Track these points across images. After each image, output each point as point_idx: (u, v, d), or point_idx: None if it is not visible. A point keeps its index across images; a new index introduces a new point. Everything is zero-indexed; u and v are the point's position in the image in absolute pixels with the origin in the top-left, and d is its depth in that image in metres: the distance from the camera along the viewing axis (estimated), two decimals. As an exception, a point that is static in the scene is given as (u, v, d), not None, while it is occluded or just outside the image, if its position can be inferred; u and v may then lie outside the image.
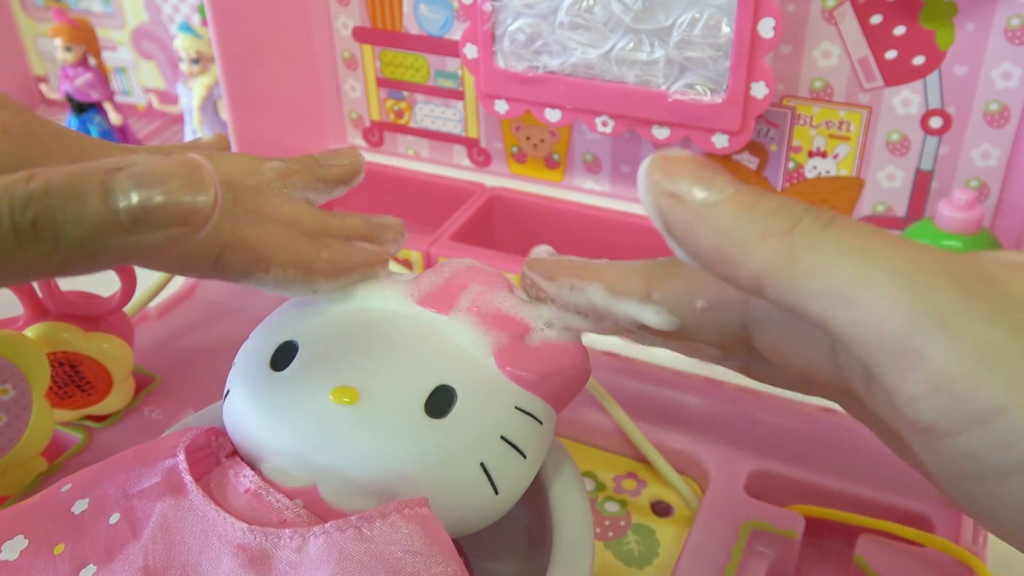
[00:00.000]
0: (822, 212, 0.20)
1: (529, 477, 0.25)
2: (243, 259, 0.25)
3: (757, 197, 0.20)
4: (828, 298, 0.19)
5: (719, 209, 0.20)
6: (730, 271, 0.20)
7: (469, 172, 0.62)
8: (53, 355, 0.39)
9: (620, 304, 0.25)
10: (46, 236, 0.19)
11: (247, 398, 0.25)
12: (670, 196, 0.21)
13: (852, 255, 0.19)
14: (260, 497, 0.24)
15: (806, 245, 0.19)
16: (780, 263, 0.19)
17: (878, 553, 0.34)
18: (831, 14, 0.48)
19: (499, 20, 0.52)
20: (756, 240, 0.20)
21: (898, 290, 0.18)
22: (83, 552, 0.23)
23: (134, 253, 0.20)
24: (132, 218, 0.19)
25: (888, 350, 0.18)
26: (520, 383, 0.25)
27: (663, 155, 0.21)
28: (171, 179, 0.19)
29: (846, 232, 0.19)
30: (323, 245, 0.27)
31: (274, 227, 0.26)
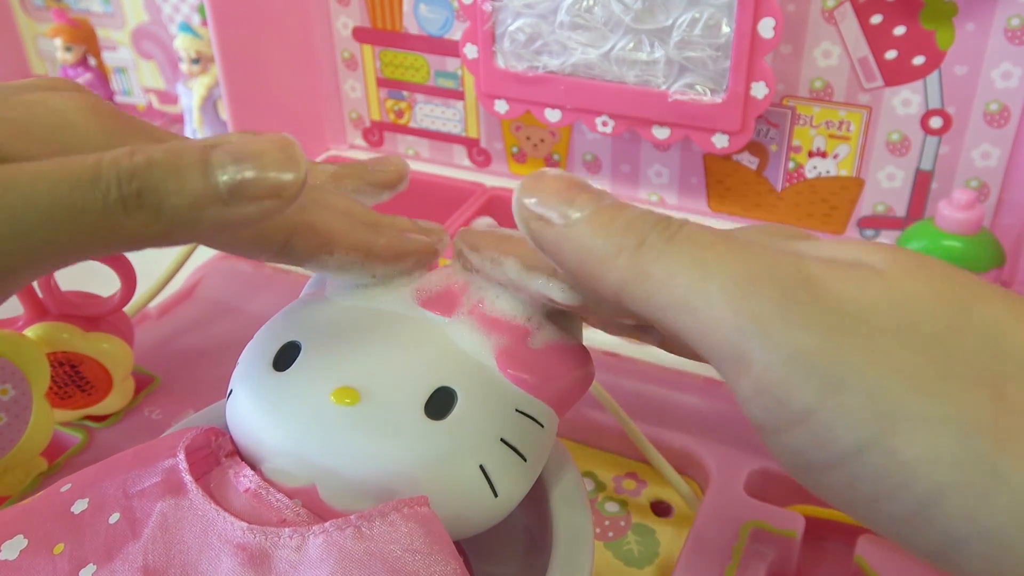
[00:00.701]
0: (669, 225, 0.21)
1: (530, 480, 0.25)
2: (310, 243, 0.26)
3: (613, 214, 0.22)
4: (672, 310, 0.20)
5: (578, 228, 0.22)
6: (594, 285, 0.22)
7: (469, 172, 0.62)
8: (53, 355, 0.39)
9: (530, 279, 0.26)
10: (149, 206, 0.20)
11: (249, 398, 0.25)
12: (537, 219, 0.22)
13: (690, 267, 0.20)
14: (260, 496, 0.24)
15: (651, 260, 0.21)
16: (631, 279, 0.21)
17: (878, 553, 0.34)
18: (831, 14, 0.48)
19: (499, 20, 0.52)
20: (610, 257, 0.21)
21: (726, 299, 0.19)
22: (83, 552, 0.23)
23: (229, 225, 0.21)
24: (230, 191, 0.20)
25: (724, 356, 0.19)
26: (521, 386, 0.25)
27: (533, 176, 0.23)
28: (265, 155, 0.21)
29: (687, 244, 0.20)
30: (380, 233, 0.28)
31: (336, 215, 0.27)
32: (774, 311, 0.19)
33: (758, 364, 0.19)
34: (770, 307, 0.19)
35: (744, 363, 0.19)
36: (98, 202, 0.20)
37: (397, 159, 0.32)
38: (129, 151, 0.20)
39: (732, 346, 0.19)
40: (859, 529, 0.35)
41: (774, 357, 0.19)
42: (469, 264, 0.28)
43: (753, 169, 0.55)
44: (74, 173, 0.20)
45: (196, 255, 0.50)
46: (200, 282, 0.52)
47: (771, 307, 0.19)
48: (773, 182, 0.54)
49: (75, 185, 0.20)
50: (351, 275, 0.27)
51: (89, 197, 0.20)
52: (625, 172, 0.58)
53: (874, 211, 0.53)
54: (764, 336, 0.19)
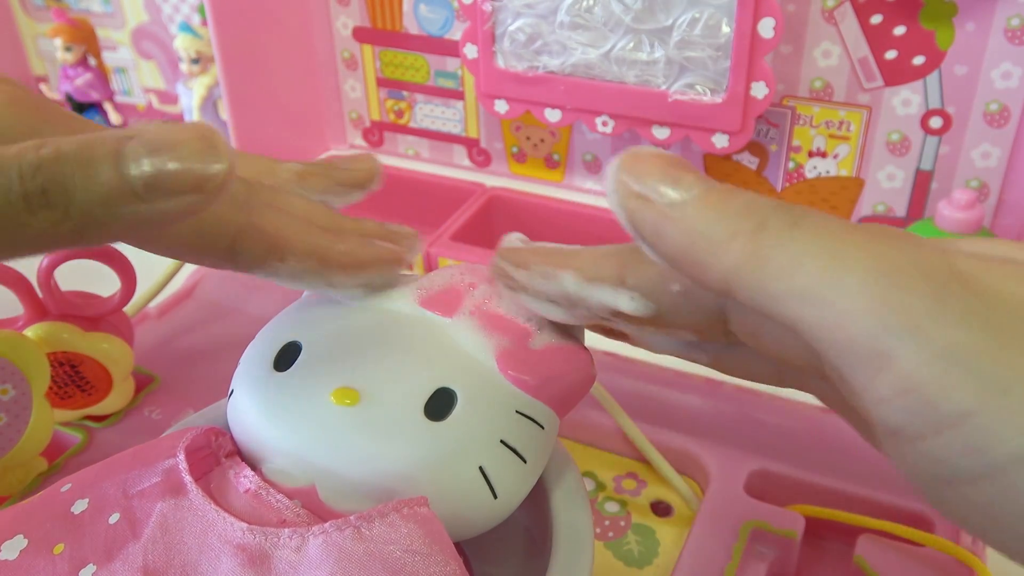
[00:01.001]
0: (791, 210, 0.19)
1: (530, 482, 0.25)
2: (258, 246, 0.24)
3: (725, 196, 0.20)
4: (796, 300, 0.18)
5: (686, 210, 0.20)
6: (698, 273, 0.20)
7: (469, 172, 0.62)
8: (53, 355, 0.39)
9: (594, 290, 0.24)
10: (56, 203, 0.18)
11: (250, 398, 0.25)
12: (637, 197, 0.20)
13: (820, 255, 0.18)
14: (260, 497, 0.24)
15: (773, 245, 0.19)
16: (747, 264, 0.19)
17: (878, 553, 0.34)
18: (831, 14, 0.48)
19: (499, 20, 0.52)
20: (723, 241, 0.19)
21: (867, 291, 0.17)
22: (83, 552, 0.23)
23: (147, 223, 0.19)
24: (145, 185, 0.19)
25: (857, 352, 0.18)
26: (522, 387, 0.25)
27: (631, 154, 0.21)
28: (183, 145, 0.19)
29: (815, 231, 0.19)
30: (339, 238, 0.26)
31: (290, 218, 0.25)
32: (925, 304, 0.17)
33: (905, 361, 0.17)
34: (920, 300, 0.17)
35: (885, 360, 0.17)
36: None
37: (368, 156, 0.30)
38: (36, 144, 0.19)
39: (871, 341, 0.17)
40: (859, 529, 0.35)
41: (926, 353, 0.17)
42: (514, 283, 0.26)
43: (753, 169, 0.55)
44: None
45: (196, 255, 0.50)
46: (200, 282, 0.52)
47: (921, 300, 0.17)
48: (773, 182, 0.54)
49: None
50: (306, 284, 0.26)
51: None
52: (625, 172, 0.58)
53: (874, 211, 0.53)
54: (914, 330, 0.17)
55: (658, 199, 0.20)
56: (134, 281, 0.40)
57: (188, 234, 0.23)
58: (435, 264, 0.51)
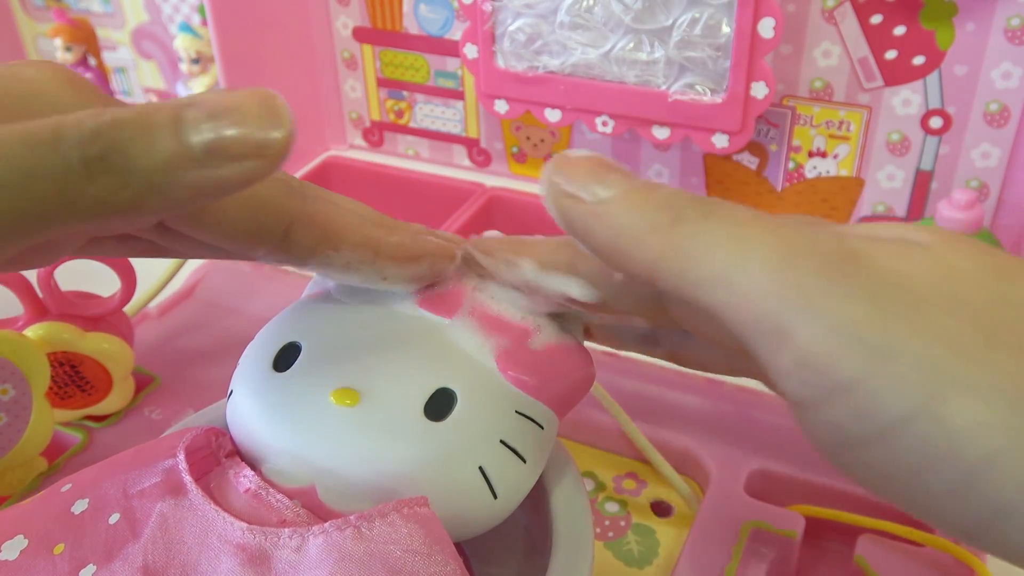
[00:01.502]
0: (704, 202, 0.21)
1: (530, 482, 0.25)
2: (311, 235, 0.24)
3: (647, 192, 0.21)
4: (710, 285, 0.20)
5: (611, 206, 0.21)
6: (625, 265, 0.21)
7: (469, 172, 0.62)
8: (53, 355, 0.39)
9: (548, 278, 0.25)
10: (116, 169, 0.18)
11: (249, 398, 0.25)
12: (567, 196, 0.22)
13: (728, 243, 0.20)
14: (260, 497, 0.24)
15: (688, 235, 0.20)
16: (666, 255, 0.20)
17: (878, 553, 0.34)
18: (831, 14, 0.48)
19: (499, 20, 0.52)
20: (644, 234, 0.21)
21: (768, 272, 0.19)
22: (83, 552, 0.23)
23: (207, 189, 0.19)
24: (205, 150, 0.18)
25: (761, 330, 0.19)
26: (522, 387, 0.25)
27: (562, 156, 0.22)
28: (244, 109, 0.19)
29: (724, 220, 0.20)
30: (392, 231, 0.26)
31: (343, 210, 0.25)
32: (818, 281, 0.19)
33: (800, 335, 0.18)
34: (813, 277, 0.19)
35: (785, 335, 0.19)
36: (57, 165, 0.18)
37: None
38: (96, 112, 0.19)
39: (772, 318, 0.19)
40: (859, 529, 0.35)
41: (818, 327, 0.18)
42: (481, 269, 0.27)
43: (753, 169, 0.55)
44: (33, 135, 0.18)
45: (196, 255, 0.50)
46: (200, 282, 0.52)
47: (814, 277, 0.19)
48: (773, 182, 0.54)
49: (33, 147, 0.18)
50: (359, 277, 0.26)
51: (48, 159, 0.18)
52: (625, 172, 0.58)
53: (874, 211, 0.53)
54: (808, 306, 0.18)
55: (586, 197, 0.22)
56: (134, 281, 0.40)
57: (243, 220, 0.23)
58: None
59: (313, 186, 0.26)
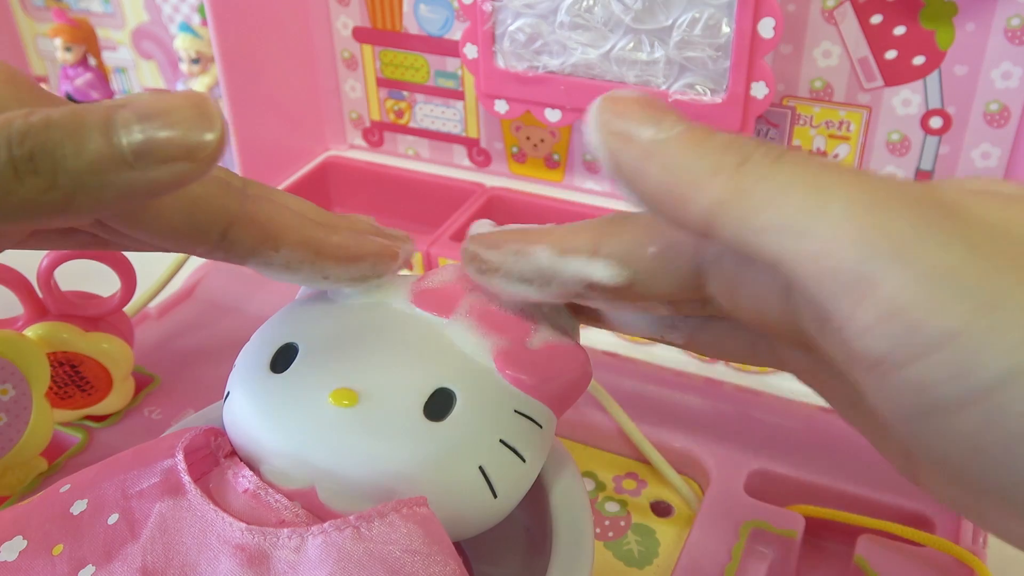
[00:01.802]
0: (774, 147, 0.19)
1: (528, 481, 0.25)
2: (251, 235, 0.24)
3: (708, 133, 0.20)
4: (778, 231, 0.18)
5: (668, 146, 0.20)
6: (679, 211, 0.20)
7: (469, 172, 0.62)
8: (53, 355, 0.39)
9: (568, 262, 0.24)
10: (44, 170, 0.18)
11: (247, 400, 0.25)
12: (619, 135, 0.20)
13: (804, 187, 0.18)
14: (259, 497, 0.24)
15: (757, 178, 0.18)
16: (730, 198, 0.19)
17: (878, 553, 0.34)
18: (831, 14, 0.48)
19: (499, 20, 0.52)
20: (706, 176, 0.19)
21: (851, 218, 0.17)
22: (82, 552, 0.23)
23: (136, 192, 0.19)
24: (134, 152, 0.18)
25: (840, 280, 0.17)
26: (520, 387, 0.25)
27: (613, 95, 0.21)
28: (175, 112, 0.19)
29: (798, 164, 0.19)
30: (333, 231, 0.26)
31: (284, 209, 0.25)
32: (909, 227, 0.17)
33: (890, 283, 0.17)
34: (905, 224, 0.17)
35: (869, 285, 0.17)
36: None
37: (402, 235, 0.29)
38: (25, 112, 0.19)
39: (856, 267, 0.17)
40: (859, 529, 0.35)
41: (911, 275, 0.16)
42: (486, 265, 0.25)
43: (753, 169, 0.54)
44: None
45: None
46: (200, 282, 0.52)
47: (906, 224, 0.17)
48: (773, 182, 0.54)
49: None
50: (300, 277, 0.26)
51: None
52: (625, 172, 0.58)
53: (874, 211, 0.53)
54: (899, 252, 0.17)
55: (640, 137, 0.20)
56: (134, 281, 0.40)
57: (180, 219, 0.23)
58: (435, 264, 0.51)
59: (256, 184, 0.25)
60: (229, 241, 0.24)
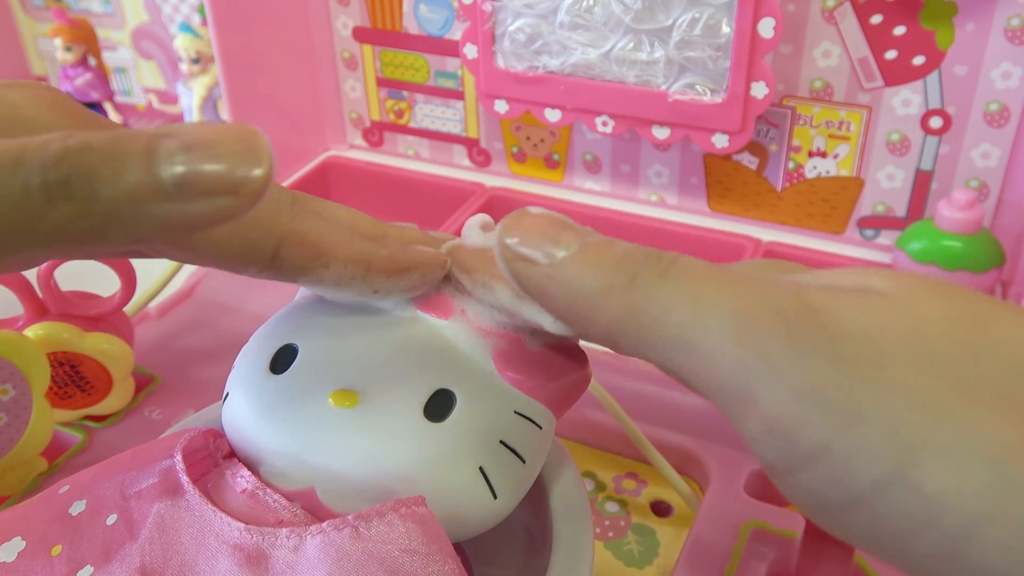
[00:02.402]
0: (661, 259, 0.20)
1: (528, 482, 0.25)
2: (302, 254, 0.24)
3: (601, 251, 0.20)
4: (670, 349, 0.19)
5: (565, 268, 0.20)
6: (583, 329, 0.21)
7: (469, 172, 0.62)
8: (53, 355, 0.39)
9: (523, 307, 0.24)
10: (78, 196, 0.17)
11: (246, 401, 0.25)
12: (521, 259, 0.21)
13: (686, 304, 0.19)
14: (257, 497, 0.24)
15: (644, 298, 0.19)
16: (624, 319, 0.20)
17: (878, 553, 0.34)
18: (831, 14, 0.48)
19: (499, 20, 0.52)
20: (600, 296, 0.20)
21: (728, 336, 0.18)
22: (80, 553, 0.23)
23: (176, 226, 0.18)
24: (175, 184, 0.17)
25: (727, 395, 0.19)
26: (519, 388, 0.25)
27: (514, 216, 0.21)
28: (220, 144, 0.18)
29: (681, 280, 0.19)
30: (382, 245, 0.26)
31: (333, 225, 0.25)
32: (778, 344, 0.18)
33: (765, 401, 0.18)
34: (774, 340, 0.18)
35: (750, 401, 0.18)
36: (15, 188, 0.17)
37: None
38: (64, 134, 0.18)
39: (736, 384, 0.18)
40: (859, 529, 0.35)
41: (782, 393, 0.18)
42: (461, 286, 0.26)
43: (753, 169, 0.54)
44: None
45: (196, 255, 0.50)
46: (200, 282, 0.52)
47: (775, 340, 0.18)
48: (773, 182, 0.54)
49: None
50: (351, 291, 0.26)
51: (6, 182, 0.17)
52: (625, 172, 0.58)
53: (874, 211, 0.53)
54: (770, 371, 0.18)
55: (540, 259, 0.21)
56: (134, 281, 0.40)
57: (231, 243, 0.23)
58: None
59: (305, 197, 0.25)
60: (280, 260, 0.24)
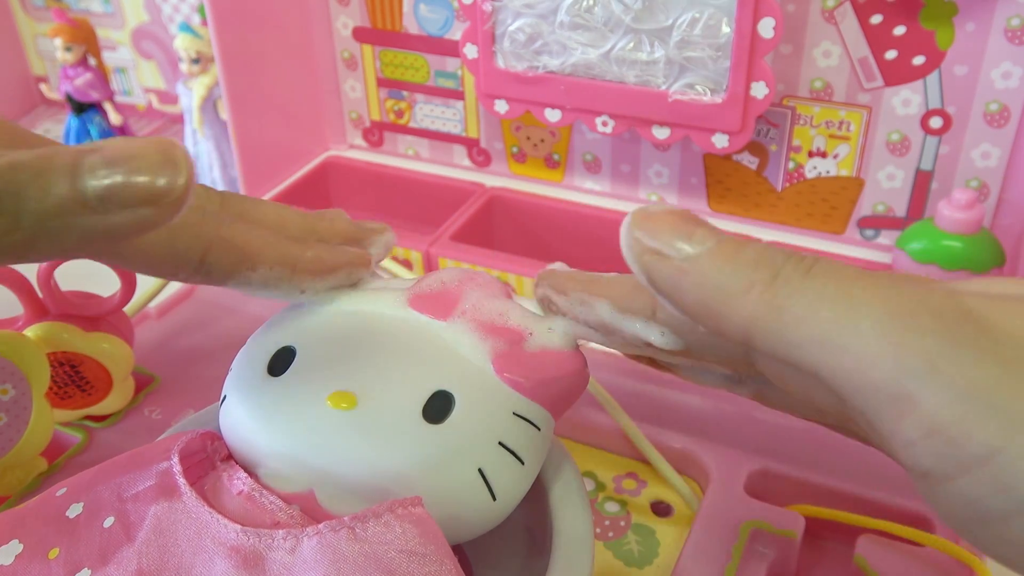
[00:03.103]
0: (803, 258, 0.20)
1: (527, 483, 0.25)
2: (228, 258, 0.25)
3: (738, 247, 0.20)
4: (815, 347, 0.19)
5: (701, 263, 0.20)
6: (717, 325, 0.20)
7: (469, 172, 0.62)
8: (53, 355, 0.39)
9: (626, 321, 0.25)
10: (7, 210, 0.18)
11: (244, 403, 0.25)
12: (652, 253, 0.21)
13: (835, 301, 0.19)
14: (253, 499, 0.24)
15: (789, 294, 0.19)
16: (764, 315, 0.19)
17: (878, 553, 0.34)
18: (831, 14, 0.48)
19: (499, 20, 0.52)
20: (739, 293, 0.20)
21: (883, 335, 0.18)
22: (77, 556, 0.23)
23: (101, 235, 0.19)
24: (99, 196, 0.18)
25: (879, 397, 0.18)
26: (518, 389, 0.25)
27: (643, 211, 0.21)
28: (141, 158, 0.19)
29: (828, 278, 0.19)
30: (307, 246, 0.27)
31: (260, 229, 0.26)
32: (940, 345, 0.17)
33: (926, 403, 0.17)
34: (935, 340, 0.17)
35: (908, 403, 0.17)
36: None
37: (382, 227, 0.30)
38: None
39: (892, 385, 0.18)
40: (859, 529, 0.35)
41: (946, 394, 0.17)
42: (555, 307, 0.26)
43: (753, 169, 0.54)
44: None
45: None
46: (200, 282, 0.52)
47: (936, 340, 0.17)
48: (773, 182, 0.54)
49: None
50: (279, 292, 0.27)
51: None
52: (625, 172, 0.58)
53: (874, 211, 0.53)
54: (931, 371, 0.17)
55: (672, 254, 0.20)
56: (134, 281, 0.40)
57: (158, 250, 0.23)
58: (435, 264, 0.51)
59: (234, 197, 0.26)
60: (208, 265, 0.25)
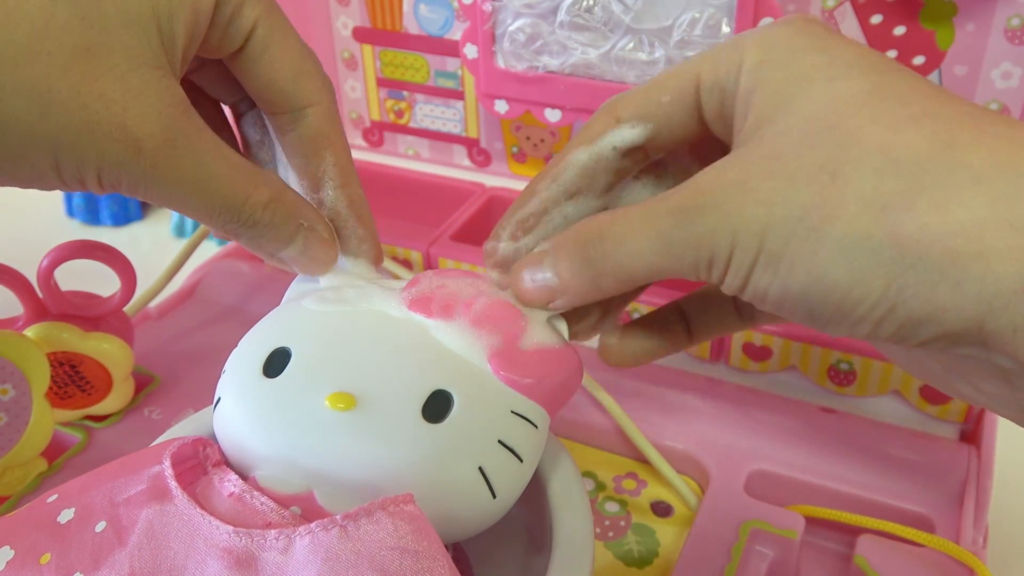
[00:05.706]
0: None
1: (525, 481, 0.25)
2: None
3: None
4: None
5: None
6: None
7: (469, 172, 0.62)
8: (53, 355, 0.39)
9: (602, 145, 0.27)
10: (222, 221, 0.26)
11: (240, 405, 0.25)
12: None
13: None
14: (244, 500, 0.23)
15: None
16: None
17: (878, 553, 0.34)
18: (831, 14, 0.48)
19: (499, 20, 0.52)
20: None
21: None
22: (69, 561, 0.23)
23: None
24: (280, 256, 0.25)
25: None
26: (515, 387, 0.25)
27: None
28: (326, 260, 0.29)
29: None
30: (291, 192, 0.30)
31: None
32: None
33: None
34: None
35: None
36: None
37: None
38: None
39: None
40: (859, 529, 0.35)
41: None
42: (529, 212, 0.29)
43: (753, 169, 0.54)
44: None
45: (196, 255, 0.50)
46: (200, 282, 0.52)
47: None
48: (773, 182, 0.54)
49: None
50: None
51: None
52: (625, 172, 0.58)
53: (874, 211, 0.53)
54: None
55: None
56: (134, 281, 0.40)
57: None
58: (435, 264, 0.51)
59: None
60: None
